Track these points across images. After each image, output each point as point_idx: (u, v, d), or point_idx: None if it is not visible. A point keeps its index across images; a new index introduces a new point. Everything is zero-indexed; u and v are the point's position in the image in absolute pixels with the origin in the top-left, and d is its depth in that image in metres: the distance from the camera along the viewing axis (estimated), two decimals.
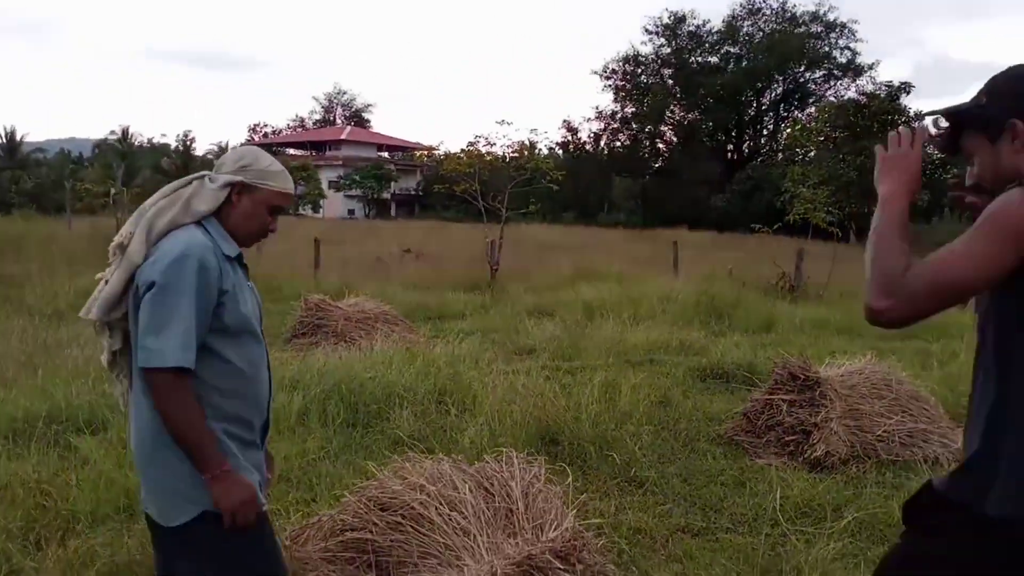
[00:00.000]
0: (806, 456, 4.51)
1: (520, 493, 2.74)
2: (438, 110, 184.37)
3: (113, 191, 15.71)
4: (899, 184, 1.68)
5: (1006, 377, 1.49)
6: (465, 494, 2.70)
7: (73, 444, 4.32)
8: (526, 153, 20.84)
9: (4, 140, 56.43)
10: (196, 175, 2.10)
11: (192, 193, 2.03)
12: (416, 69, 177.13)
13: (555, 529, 2.58)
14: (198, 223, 2.01)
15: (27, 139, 58.34)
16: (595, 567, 2.49)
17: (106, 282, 2.03)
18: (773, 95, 47.53)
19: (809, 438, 4.57)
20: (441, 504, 2.66)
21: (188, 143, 68.41)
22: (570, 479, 3.10)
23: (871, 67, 44.04)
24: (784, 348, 7.86)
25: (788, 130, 45.10)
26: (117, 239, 2.02)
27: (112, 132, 64.25)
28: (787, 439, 4.68)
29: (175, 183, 2.10)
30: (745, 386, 6.28)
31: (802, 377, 4.86)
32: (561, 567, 2.38)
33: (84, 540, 3.11)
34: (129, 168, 38.50)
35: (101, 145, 64.49)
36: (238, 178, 2.04)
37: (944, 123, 1.72)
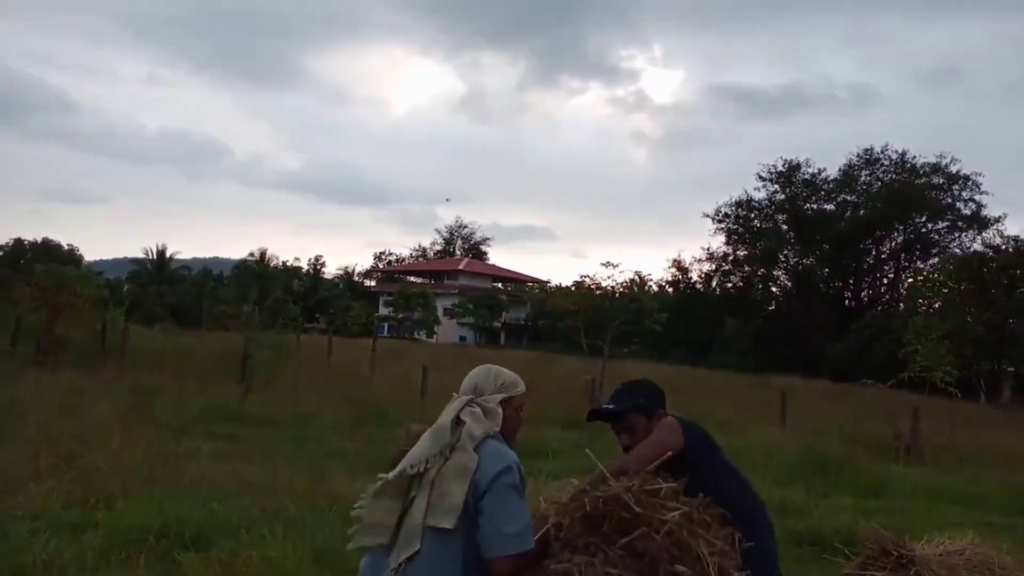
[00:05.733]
0: None
1: None
2: (552, 245, 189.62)
3: (246, 308, 16.97)
4: None
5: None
6: None
7: (178, 560, 4.65)
8: (635, 288, 21.14)
9: (154, 257, 61.93)
10: (460, 403, 2.53)
11: (474, 421, 2.46)
12: (533, 205, 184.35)
13: None
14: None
15: (177, 256, 63.73)
16: None
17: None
18: (893, 244, 46.40)
19: None
20: None
21: (318, 267, 73.03)
22: None
23: (998, 220, 42.50)
24: (892, 517, 7.47)
25: (910, 280, 43.70)
26: (413, 467, 2.41)
27: (251, 254, 69.51)
28: None
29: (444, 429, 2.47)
30: (842, 557, 5.99)
31: (896, 554, 4.64)
32: None
33: None
34: (263, 288, 41.33)
35: (240, 265, 69.65)
36: (503, 395, 2.55)
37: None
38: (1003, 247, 35.14)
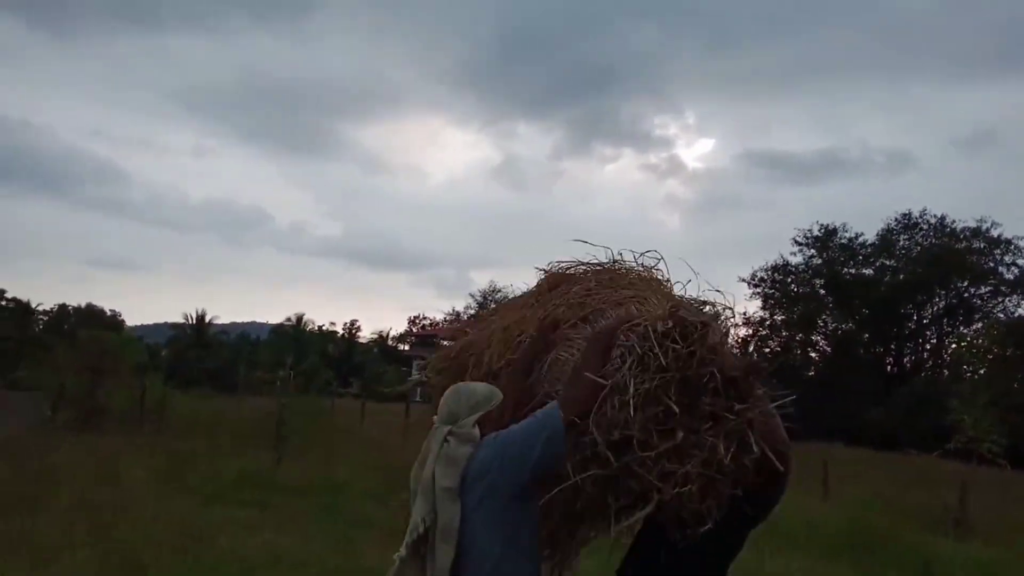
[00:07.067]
0: None
1: None
2: None
3: (281, 374, 17.16)
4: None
5: None
6: None
7: None
8: None
9: (193, 322, 63.07)
10: (439, 436, 2.43)
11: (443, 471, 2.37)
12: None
13: None
14: None
15: (216, 321, 64.71)
16: None
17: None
18: (935, 309, 45.38)
19: None
20: None
21: (353, 332, 73.71)
22: None
23: None
24: None
25: (954, 345, 42.55)
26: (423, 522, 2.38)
27: (288, 319, 70.46)
28: None
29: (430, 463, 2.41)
30: None
31: None
32: None
33: None
34: (299, 353, 41.72)
35: (277, 330, 70.56)
36: (478, 413, 2.44)
37: None
38: None
